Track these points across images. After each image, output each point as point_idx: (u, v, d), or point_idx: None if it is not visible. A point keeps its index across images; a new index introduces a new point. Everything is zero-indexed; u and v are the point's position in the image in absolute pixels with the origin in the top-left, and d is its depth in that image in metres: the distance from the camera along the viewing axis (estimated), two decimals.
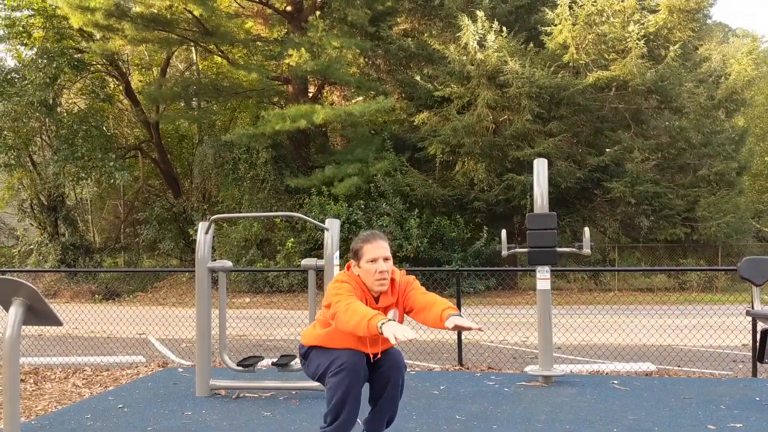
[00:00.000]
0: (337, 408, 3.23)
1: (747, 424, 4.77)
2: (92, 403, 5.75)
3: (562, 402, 5.52)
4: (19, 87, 19.92)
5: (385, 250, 3.33)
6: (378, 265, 3.28)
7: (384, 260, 3.30)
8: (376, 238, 3.35)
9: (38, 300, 2.07)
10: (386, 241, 3.40)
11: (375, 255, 3.29)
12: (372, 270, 3.28)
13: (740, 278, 6.20)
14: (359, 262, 3.34)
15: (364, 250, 3.32)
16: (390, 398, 3.40)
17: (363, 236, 3.38)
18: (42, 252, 23.44)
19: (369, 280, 3.31)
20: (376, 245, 3.31)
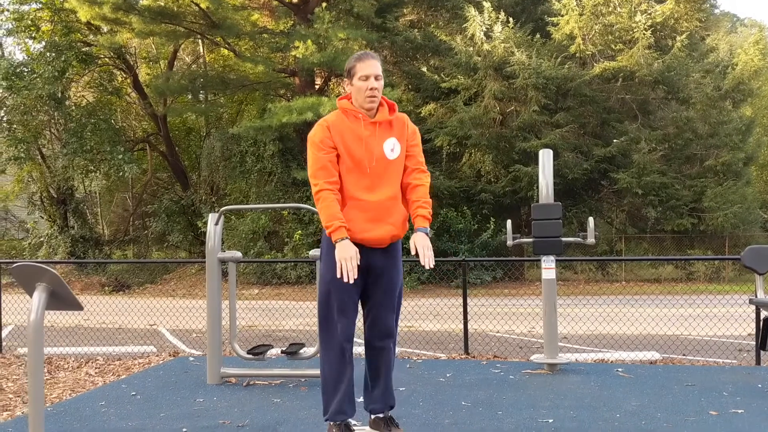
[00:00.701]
0: (330, 392, 3.34)
1: (749, 411, 4.85)
2: (106, 390, 5.87)
3: (567, 389, 5.60)
4: (28, 81, 20.06)
5: (376, 68, 3.39)
6: (369, 82, 3.35)
7: (375, 78, 3.37)
8: (368, 57, 3.41)
9: (60, 285, 2.16)
10: (378, 60, 3.44)
11: (367, 72, 3.35)
12: (363, 87, 3.35)
13: (743, 267, 6.27)
14: (352, 80, 3.42)
15: (356, 68, 3.39)
16: (385, 374, 3.47)
17: (356, 55, 3.45)
18: (52, 244, 23.65)
19: (360, 97, 3.38)
20: (369, 63, 3.37)
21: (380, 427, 3.48)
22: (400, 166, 3.47)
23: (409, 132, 3.54)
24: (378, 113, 3.44)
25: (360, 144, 3.36)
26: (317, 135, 3.38)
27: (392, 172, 3.43)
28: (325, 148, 3.32)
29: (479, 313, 12.21)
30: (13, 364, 7.62)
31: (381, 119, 3.42)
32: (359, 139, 3.36)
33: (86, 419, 4.90)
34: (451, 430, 4.47)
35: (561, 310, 12.78)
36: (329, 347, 3.37)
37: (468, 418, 4.75)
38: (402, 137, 3.50)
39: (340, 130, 3.36)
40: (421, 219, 3.37)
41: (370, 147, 3.37)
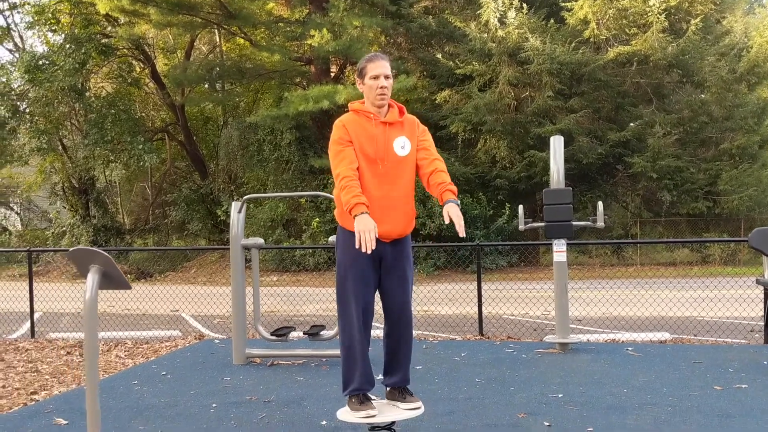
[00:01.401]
0: (350, 371, 3.58)
1: (752, 386, 5.05)
2: (137, 371, 6.17)
3: (577, 367, 5.84)
4: (49, 73, 20.43)
5: (386, 68, 3.62)
6: (379, 81, 3.58)
7: (385, 77, 3.60)
8: (379, 58, 3.65)
9: (112, 267, 2.42)
10: (388, 61, 3.68)
11: (377, 72, 3.59)
12: (374, 86, 3.59)
13: (751, 249, 6.45)
14: (363, 80, 3.66)
15: (367, 69, 3.63)
16: (405, 355, 3.71)
17: (367, 57, 3.69)
18: (75, 233, 24.12)
19: (371, 96, 3.61)
20: (379, 64, 3.61)
21: (396, 397, 3.73)
22: (411, 163, 3.68)
23: (420, 131, 3.76)
24: (388, 114, 3.67)
25: (372, 141, 3.59)
26: (336, 134, 3.63)
27: (403, 168, 3.65)
28: (344, 143, 3.56)
29: (495, 297, 12.42)
30: (46, 348, 7.96)
31: (391, 119, 3.65)
32: (371, 137, 3.59)
33: (121, 396, 5.20)
34: (465, 404, 4.72)
35: (576, 293, 12.97)
36: (347, 329, 3.61)
37: (481, 393, 5.00)
38: (412, 135, 3.71)
39: (354, 129, 3.60)
40: (450, 193, 3.56)
41: (382, 144, 3.60)
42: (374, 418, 3.52)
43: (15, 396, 5.62)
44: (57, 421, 4.55)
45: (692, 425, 4.11)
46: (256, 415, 4.56)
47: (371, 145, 3.58)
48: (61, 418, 4.61)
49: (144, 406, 4.88)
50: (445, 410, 4.58)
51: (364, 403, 3.62)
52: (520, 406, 4.63)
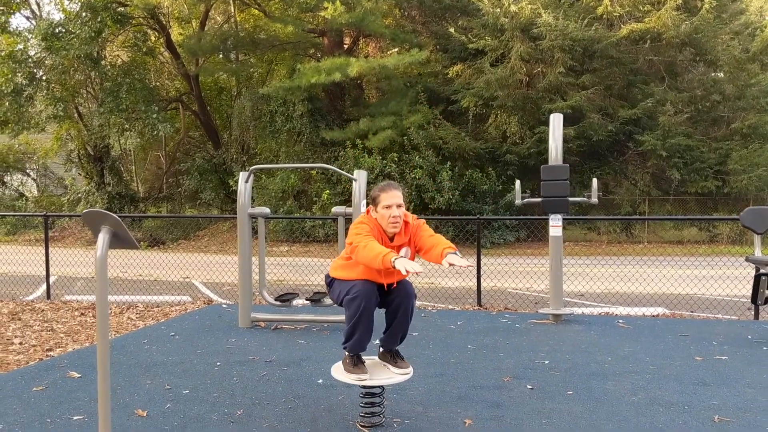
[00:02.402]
0: (353, 327, 3.82)
1: (732, 358, 5.28)
2: (147, 332, 6.47)
3: (567, 336, 6.08)
4: (66, 41, 20.61)
5: (398, 198, 3.89)
6: (392, 211, 3.84)
7: (397, 207, 3.86)
8: (391, 188, 3.91)
9: (121, 228, 2.65)
10: (400, 190, 3.95)
11: (389, 202, 3.85)
12: (387, 215, 3.85)
13: (743, 227, 6.63)
14: (376, 208, 3.92)
15: (380, 198, 3.89)
16: (401, 322, 3.95)
17: (380, 186, 3.94)
18: (90, 200, 24.50)
19: (384, 223, 3.89)
20: (391, 194, 3.87)
21: (388, 359, 3.98)
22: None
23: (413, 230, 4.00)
24: (396, 238, 3.94)
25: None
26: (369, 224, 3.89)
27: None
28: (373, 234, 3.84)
29: (500, 272, 12.65)
30: (61, 309, 8.29)
31: (398, 243, 3.94)
32: None
33: (132, 354, 5.50)
34: (455, 368, 4.98)
35: (582, 269, 13.18)
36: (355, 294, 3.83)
37: (472, 358, 5.25)
38: (411, 241, 3.99)
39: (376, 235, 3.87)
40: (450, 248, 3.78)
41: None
42: (366, 381, 3.77)
43: (32, 352, 5.94)
44: (71, 374, 4.86)
45: (667, 391, 4.34)
46: (257, 373, 4.84)
47: None
48: (74, 372, 4.91)
49: (152, 363, 5.17)
50: (435, 372, 4.84)
51: (357, 365, 3.87)
52: (506, 371, 4.88)
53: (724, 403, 4.11)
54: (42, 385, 4.58)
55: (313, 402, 4.19)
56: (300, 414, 3.96)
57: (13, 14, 22.54)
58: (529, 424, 3.76)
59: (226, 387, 4.51)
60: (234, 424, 3.77)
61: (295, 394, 4.36)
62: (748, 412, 3.92)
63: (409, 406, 4.10)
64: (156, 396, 4.32)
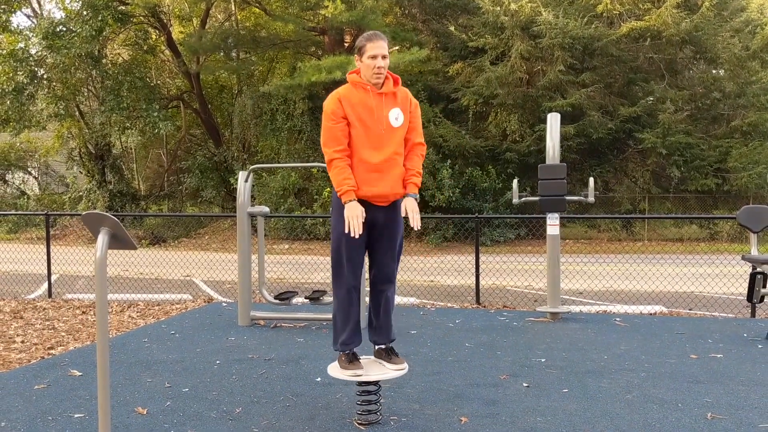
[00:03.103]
0: (340, 326, 3.89)
1: (727, 355, 5.32)
2: (147, 330, 6.53)
3: (564, 334, 6.12)
4: (67, 40, 20.66)
5: (383, 49, 3.87)
6: (377, 61, 3.83)
7: (382, 57, 3.85)
8: (377, 38, 3.89)
9: (119, 229, 2.70)
10: (386, 41, 3.92)
11: (375, 52, 3.83)
12: (371, 65, 3.83)
13: (739, 225, 6.67)
14: (361, 57, 3.89)
15: (366, 48, 3.86)
16: (383, 312, 4.00)
17: (365, 36, 3.93)
18: (91, 199, 24.55)
19: (368, 73, 3.86)
20: (377, 44, 3.84)
21: (382, 356, 4.03)
22: (403, 132, 3.95)
23: (412, 106, 4.01)
24: (384, 86, 3.91)
25: (369, 113, 3.85)
26: (329, 106, 3.87)
27: (396, 137, 3.91)
28: (336, 119, 3.82)
29: (500, 270, 12.71)
30: (62, 308, 8.35)
31: (386, 91, 3.90)
32: (368, 109, 3.85)
33: (132, 352, 5.55)
34: (452, 365, 5.03)
35: (582, 267, 13.23)
36: (340, 289, 3.91)
37: (469, 356, 5.30)
38: (405, 109, 3.97)
39: (351, 101, 3.85)
40: (413, 186, 3.86)
41: (377, 115, 3.86)
42: (361, 376, 3.82)
43: (33, 350, 6.00)
44: (72, 372, 4.91)
45: (661, 389, 4.39)
46: (256, 371, 4.89)
47: (368, 115, 3.84)
48: (75, 370, 4.96)
49: (152, 361, 5.23)
50: (432, 371, 4.89)
51: (352, 362, 3.92)
52: (503, 369, 4.93)
53: (717, 400, 4.15)
54: (44, 383, 4.64)
55: (311, 400, 4.24)
56: (298, 412, 4.01)
57: (14, 13, 22.56)
58: (523, 421, 3.81)
59: (225, 385, 4.56)
60: (233, 422, 3.82)
61: (293, 392, 4.41)
62: (741, 410, 3.96)
63: (406, 404, 4.15)
64: (156, 394, 4.37)
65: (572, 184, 20.14)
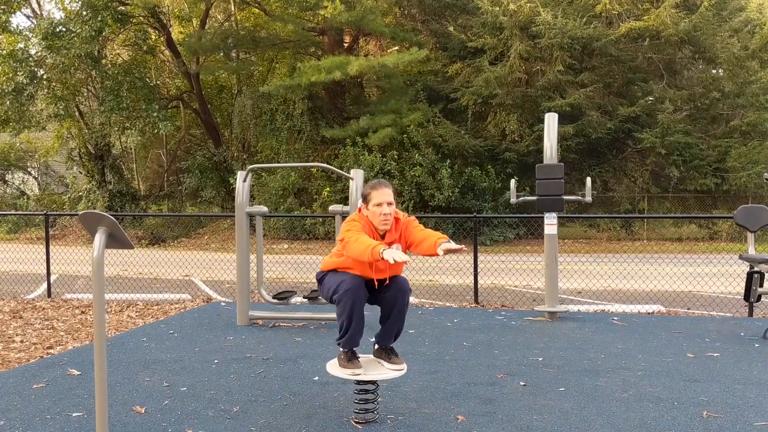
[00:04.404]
0: (344, 323, 3.90)
1: (724, 354, 5.34)
2: (146, 329, 6.54)
3: (561, 333, 6.14)
4: (66, 40, 20.68)
5: (389, 196, 3.95)
6: (383, 208, 3.91)
7: (387, 204, 3.92)
8: (381, 186, 3.98)
9: (116, 228, 2.72)
10: (390, 188, 4.02)
11: (380, 200, 3.92)
12: (378, 212, 3.92)
13: (736, 224, 6.69)
14: (367, 206, 3.99)
15: (371, 196, 3.96)
16: (396, 318, 4.02)
17: (371, 184, 4.02)
18: (91, 199, 24.58)
19: (375, 220, 3.96)
20: (382, 192, 3.94)
21: (382, 356, 4.05)
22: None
23: (404, 227, 4.07)
24: (387, 235, 4.00)
25: None
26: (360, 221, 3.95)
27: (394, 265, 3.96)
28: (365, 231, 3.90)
29: (499, 269, 12.72)
30: (62, 307, 8.36)
31: (389, 240, 4.01)
32: None
33: (130, 351, 5.57)
34: (449, 365, 5.05)
35: (581, 266, 13.24)
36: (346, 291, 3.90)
37: (466, 355, 5.32)
38: (401, 238, 4.06)
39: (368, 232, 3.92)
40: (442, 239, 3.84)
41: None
42: (360, 376, 3.83)
43: (32, 350, 6.02)
44: (70, 371, 4.93)
45: (657, 387, 4.41)
46: (254, 371, 4.91)
47: None
48: (74, 369, 4.98)
49: (151, 361, 5.24)
50: (430, 369, 4.90)
51: (351, 360, 3.94)
52: (500, 368, 4.95)
53: (713, 399, 4.17)
54: (42, 382, 4.65)
55: (309, 399, 4.26)
56: (295, 411, 4.03)
57: (13, 13, 22.59)
58: (520, 420, 3.82)
59: (223, 384, 4.58)
60: (230, 421, 3.84)
61: (291, 391, 4.43)
62: (736, 408, 3.98)
63: (403, 403, 4.17)
64: (154, 393, 4.39)
65: (571, 183, 20.16)
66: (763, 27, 20.30)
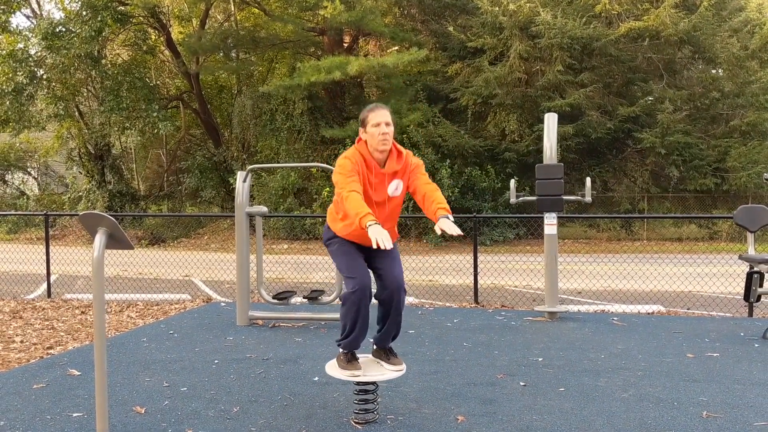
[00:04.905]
0: (349, 325, 3.89)
1: (723, 354, 5.34)
2: (146, 330, 6.54)
3: (561, 333, 6.14)
4: (66, 40, 20.67)
5: (387, 116, 3.92)
6: (380, 128, 3.87)
7: (386, 124, 3.89)
8: (379, 108, 3.96)
9: (116, 229, 2.72)
10: (388, 110, 3.98)
11: (378, 120, 3.88)
12: (376, 133, 3.87)
13: (736, 225, 6.70)
14: (365, 128, 3.95)
15: (369, 118, 3.93)
16: (394, 316, 4.00)
17: (368, 107, 4.01)
18: (90, 199, 24.57)
19: (373, 143, 3.90)
20: (380, 113, 3.91)
21: (381, 356, 4.05)
22: (400, 199, 4.06)
23: (412, 167, 4.05)
24: (387, 163, 3.96)
25: (370, 186, 3.91)
26: (352, 159, 3.91)
27: (393, 206, 4.03)
28: (355, 171, 3.87)
29: (499, 269, 12.73)
30: (61, 308, 8.36)
31: (390, 170, 3.96)
32: (370, 183, 3.91)
33: (130, 352, 5.57)
34: (450, 365, 5.05)
35: (581, 266, 13.25)
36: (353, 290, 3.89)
37: (467, 356, 5.32)
38: (404, 175, 4.03)
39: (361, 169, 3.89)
40: (443, 210, 3.84)
41: (378, 189, 3.92)
42: (359, 377, 3.83)
43: (32, 350, 6.02)
44: (71, 372, 4.93)
45: (657, 387, 4.41)
46: (254, 371, 4.91)
47: (369, 187, 3.91)
48: (74, 369, 4.98)
49: (151, 361, 5.24)
50: (430, 370, 4.90)
51: (351, 361, 3.93)
52: (501, 368, 4.95)
53: (712, 399, 4.17)
54: (42, 382, 4.66)
55: (309, 399, 4.26)
56: (295, 411, 4.03)
57: (13, 13, 22.58)
58: (520, 420, 3.83)
59: (223, 384, 4.58)
60: (230, 421, 3.84)
61: (290, 391, 4.43)
62: (736, 408, 3.98)
63: (403, 403, 4.17)
64: (154, 393, 4.39)
65: (571, 183, 20.16)
66: (762, 27, 20.30)
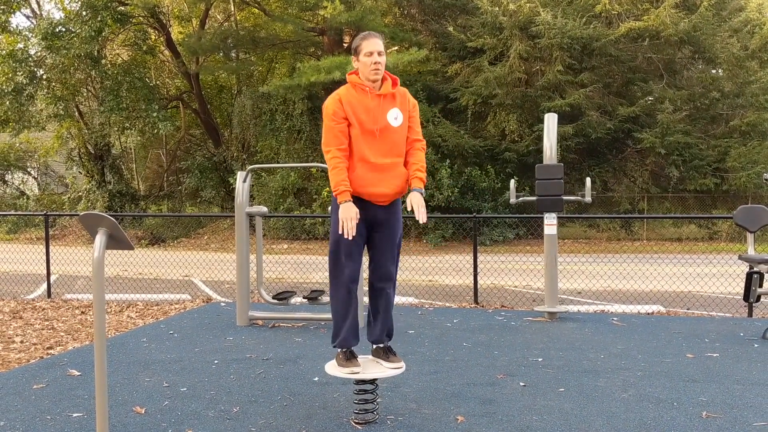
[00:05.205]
0: (339, 323, 3.92)
1: (723, 355, 5.34)
2: (146, 330, 6.55)
3: (561, 334, 6.14)
4: (66, 40, 20.68)
5: (379, 45, 3.91)
6: (373, 57, 3.86)
7: (378, 54, 3.88)
8: (371, 36, 3.95)
9: (116, 229, 2.72)
10: (381, 39, 3.98)
11: (371, 49, 3.87)
12: (368, 62, 3.86)
13: (736, 225, 6.70)
14: (358, 57, 3.94)
15: (362, 46, 3.91)
16: (385, 308, 4.02)
17: (361, 35, 3.99)
18: (90, 199, 24.57)
19: (365, 72, 3.89)
20: (372, 42, 3.89)
21: (380, 355, 4.05)
22: (403, 132, 3.98)
23: (410, 105, 4.05)
24: (382, 86, 3.93)
25: (368, 113, 3.89)
26: (330, 107, 3.90)
27: (396, 137, 3.95)
28: (337, 119, 3.85)
29: (499, 269, 12.74)
30: (61, 308, 8.37)
31: (385, 92, 3.93)
32: (367, 109, 3.89)
33: (130, 352, 5.57)
34: (449, 365, 5.05)
35: (581, 266, 13.25)
36: (338, 287, 3.93)
37: (466, 356, 5.32)
38: (404, 108, 4.00)
39: (351, 102, 3.89)
40: (418, 180, 3.88)
41: (377, 116, 3.89)
42: (358, 374, 3.84)
43: (32, 350, 6.02)
44: (71, 372, 4.93)
45: (657, 388, 4.41)
46: (254, 371, 4.91)
47: (367, 116, 3.87)
48: (74, 370, 4.98)
49: (151, 361, 5.25)
50: (430, 370, 4.91)
51: (349, 359, 3.94)
52: (500, 368, 4.95)
53: (712, 399, 4.17)
54: (42, 382, 4.66)
55: (309, 399, 4.26)
56: (295, 411, 4.03)
57: (13, 13, 22.58)
58: (520, 420, 3.83)
59: (223, 384, 4.58)
60: (230, 421, 3.84)
61: (290, 391, 4.43)
62: (736, 408, 3.99)
63: (403, 403, 4.17)
64: (154, 393, 4.39)
65: (571, 183, 20.17)
66: (762, 27, 20.31)
